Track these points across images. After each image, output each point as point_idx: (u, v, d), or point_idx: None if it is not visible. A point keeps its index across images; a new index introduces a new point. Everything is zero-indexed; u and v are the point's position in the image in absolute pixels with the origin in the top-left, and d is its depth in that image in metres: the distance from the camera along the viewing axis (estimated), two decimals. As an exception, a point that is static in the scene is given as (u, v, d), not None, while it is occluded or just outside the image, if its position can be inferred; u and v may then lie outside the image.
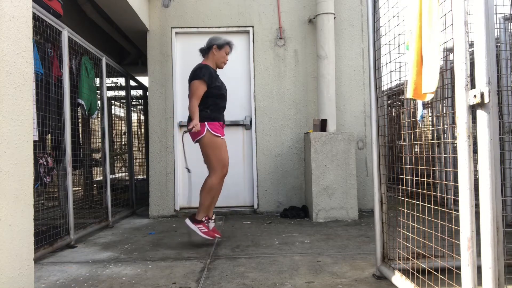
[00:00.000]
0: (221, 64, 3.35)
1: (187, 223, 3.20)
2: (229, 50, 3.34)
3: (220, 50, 3.29)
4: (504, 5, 3.14)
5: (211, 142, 3.16)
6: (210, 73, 3.20)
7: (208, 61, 3.33)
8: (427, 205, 1.97)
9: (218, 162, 3.19)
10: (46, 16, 3.08)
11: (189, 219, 3.21)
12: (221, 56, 3.31)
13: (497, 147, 1.37)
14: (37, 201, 4.00)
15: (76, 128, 3.78)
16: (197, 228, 3.16)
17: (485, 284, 1.35)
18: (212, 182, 3.18)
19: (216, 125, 3.20)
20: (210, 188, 3.18)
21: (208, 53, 3.32)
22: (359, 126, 4.90)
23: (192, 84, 3.16)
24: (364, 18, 4.92)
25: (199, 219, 3.19)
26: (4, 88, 1.85)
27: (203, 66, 3.22)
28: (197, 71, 3.19)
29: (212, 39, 3.32)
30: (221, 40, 3.29)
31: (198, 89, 3.14)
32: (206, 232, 3.16)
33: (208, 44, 3.32)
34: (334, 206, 4.29)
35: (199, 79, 3.14)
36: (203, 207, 3.19)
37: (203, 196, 3.18)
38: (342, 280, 2.31)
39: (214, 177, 3.19)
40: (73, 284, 2.36)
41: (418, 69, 1.75)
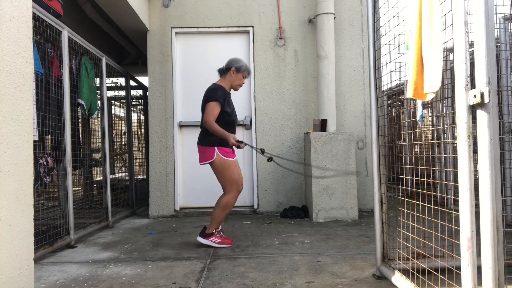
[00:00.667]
0: (236, 87, 3.32)
1: (199, 241, 3.19)
2: (246, 75, 3.31)
3: (238, 73, 3.25)
4: (504, 5, 3.14)
5: (222, 164, 3.14)
6: (225, 96, 3.18)
7: (223, 81, 3.29)
8: (427, 205, 1.97)
9: (232, 183, 3.16)
10: (46, 16, 3.08)
11: (200, 236, 3.21)
12: (238, 79, 3.28)
13: (497, 147, 1.37)
14: (37, 201, 4.00)
15: (76, 128, 3.78)
16: (210, 241, 3.16)
17: (485, 284, 1.35)
18: (227, 201, 3.17)
19: (225, 150, 3.16)
20: (225, 206, 3.16)
21: (226, 73, 3.29)
22: (359, 126, 4.90)
23: (208, 106, 3.13)
24: (364, 18, 4.92)
25: (210, 232, 3.18)
26: (4, 88, 1.85)
27: (218, 88, 3.20)
28: (212, 92, 3.16)
29: (233, 60, 3.29)
30: (241, 64, 3.26)
31: (214, 109, 3.12)
32: (220, 242, 3.17)
33: (227, 65, 3.29)
34: (334, 206, 4.29)
35: (215, 101, 3.12)
36: (215, 222, 3.18)
37: (217, 212, 3.16)
38: (342, 280, 2.31)
39: (229, 196, 3.17)
40: (73, 284, 2.36)
41: (418, 69, 1.74)
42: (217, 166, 3.15)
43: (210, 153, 3.14)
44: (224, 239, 3.20)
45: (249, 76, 3.38)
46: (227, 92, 3.25)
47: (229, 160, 3.16)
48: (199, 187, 4.89)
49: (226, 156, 3.15)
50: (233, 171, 3.16)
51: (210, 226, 3.19)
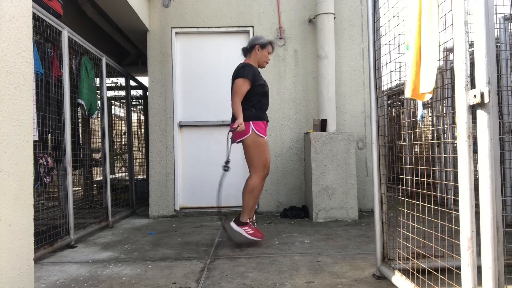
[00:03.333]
0: (263, 63, 3.32)
1: (232, 226, 3.16)
2: (271, 49, 3.30)
3: (262, 49, 3.25)
4: (504, 5, 3.14)
5: (255, 142, 3.13)
6: (254, 72, 3.17)
7: (250, 60, 3.29)
8: (427, 205, 1.97)
9: (260, 163, 3.15)
10: (46, 16, 3.08)
11: (234, 222, 3.18)
12: (263, 55, 3.27)
13: (497, 147, 1.37)
14: (37, 201, 4.00)
15: (76, 128, 3.78)
16: (243, 230, 3.13)
17: (485, 284, 1.35)
18: (254, 183, 3.14)
19: (260, 125, 3.16)
20: (252, 189, 3.14)
21: (251, 52, 3.29)
22: (359, 126, 4.90)
23: (236, 82, 3.14)
24: (364, 18, 4.92)
25: (244, 221, 3.15)
26: (4, 88, 1.85)
27: (246, 65, 3.20)
28: (240, 70, 3.17)
29: (255, 38, 3.30)
30: (264, 40, 3.26)
31: (242, 87, 3.11)
32: (252, 234, 3.14)
33: (251, 44, 3.29)
34: (334, 206, 4.29)
35: (243, 77, 3.11)
36: (247, 209, 3.15)
37: (246, 197, 3.14)
38: (342, 280, 2.31)
39: (256, 177, 3.15)
40: (73, 284, 2.36)
41: (417, 69, 1.75)
42: (250, 143, 3.13)
43: (246, 128, 3.11)
44: (257, 232, 3.17)
45: (273, 51, 3.38)
46: (256, 68, 3.24)
47: (262, 139, 3.15)
48: (199, 187, 4.89)
49: (260, 131, 3.14)
50: (263, 151, 3.16)
51: (243, 214, 3.15)
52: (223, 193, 4.88)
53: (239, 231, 3.14)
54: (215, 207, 4.86)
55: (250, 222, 3.17)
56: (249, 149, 3.14)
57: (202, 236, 3.63)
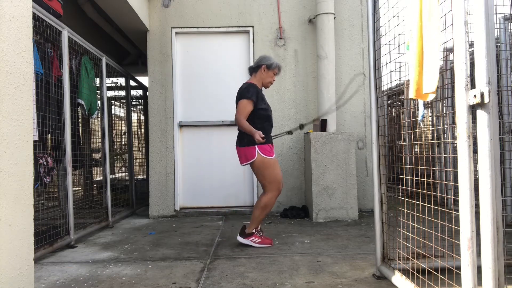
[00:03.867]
0: (267, 84, 3.32)
1: (239, 240, 3.19)
2: (277, 71, 3.32)
3: (268, 70, 3.26)
4: (504, 5, 3.14)
5: (263, 163, 3.12)
6: (258, 93, 3.18)
7: (254, 79, 3.29)
8: (427, 205, 1.97)
9: (272, 182, 3.15)
10: (46, 16, 3.08)
11: (240, 236, 3.20)
12: (269, 76, 3.28)
13: (497, 147, 1.37)
14: (37, 201, 4.00)
15: (76, 128, 3.78)
16: (250, 241, 3.16)
17: (485, 284, 1.35)
18: (268, 200, 3.16)
19: (266, 148, 3.15)
20: (265, 206, 3.16)
21: (257, 71, 3.29)
22: (359, 126, 4.90)
23: (240, 103, 3.15)
24: (364, 18, 4.92)
25: (250, 232, 3.18)
26: (4, 88, 1.85)
27: (250, 86, 3.20)
28: (244, 91, 3.17)
29: (262, 58, 3.30)
30: (271, 61, 3.27)
31: (246, 107, 3.13)
32: (260, 242, 3.16)
33: (258, 63, 3.29)
34: (334, 206, 4.29)
35: (247, 99, 3.13)
36: (256, 221, 3.18)
37: (258, 212, 3.16)
38: (342, 280, 2.31)
39: (270, 195, 3.16)
40: (73, 284, 2.36)
41: (420, 69, 1.75)
42: (258, 166, 3.13)
43: (251, 153, 3.12)
44: (264, 239, 3.19)
45: (279, 73, 3.38)
46: (259, 89, 3.25)
47: (270, 159, 3.15)
48: (199, 187, 4.89)
49: (267, 154, 3.14)
50: (273, 170, 3.16)
51: (250, 225, 3.18)
52: (223, 193, 4.88)
53: (247, 243, 3.17)
54: (215, 207, 4.87)
55: (255, 232, 3.19)
56: (259, 171, 3.15)
57: (202, 236, 3.63)
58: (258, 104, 3.16)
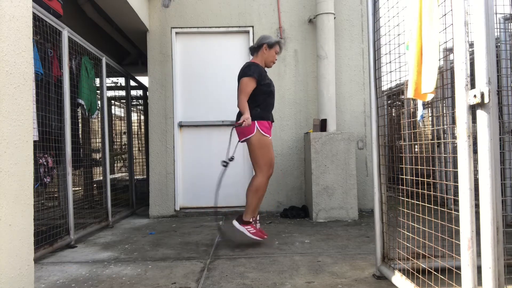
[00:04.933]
0: (270, 63, 3.32)
1: (235, 225, 3.16)
2: (278, 49, 3.30)
3: (270, 49, 3.25)
4: (504, 5, 3.14)
5: (260, 141, 3.12)
6: (260, 71, 3.17)
7: (257, 59, 3.29)
8: (427, 205, 1.97)
9: (265, 162, 3.14)
10: (46, 16, 3.08)
11: (236, 220, 3.17)
12: (271, 55, 3.27)
13: (497, 147, 1.37)
14: (37, 201, 4.00)
15: (76, 128, 3.78)
16: (245, 229, 3.13)
17: (485, 284, 1.35)
18: (259, 182, 3.14)
19: (265, 124, 3.16)
20: (257, 189, 3.14)
21: (258, 51, 3.29)
22: (359, 126, 4.90)
23: (242, 81, 3.14)
24: (364, 18, 4.92)
25: (247, 220, 3.14)
26: (4, 88, 1.85)
27: (252, 64, 3.20)
28: (246, 69, 3.17)
29: (263, 37, 3.30)
30: (272, 39, 3.26)
31: (248, 85, 3.11)
32: (254, 233, 3.14)
33: (258, 43, 3.29)
34: (334, 206, 4.29)
35: (249, 77, 3.11)
36: (250, 208, 3.15)
37: (251, 196, 3.14)
38: (342, 280, 2.31)
39: (261, 177, 3.15)
40: (73, 284, 2.36)
41: (419, 69, 1.75)
42: (255, 143, 3.12)
43: (250, 127, 3.11)
44: (259, 231, 3.16)
45: (281, 52, 3.38)
46: (262, 68, 3.24)
47: (267, 139, 3.15)
48: (199, 187, 4.89)
49: (265, 131, 3.14)
50: (268, 151, 3.15)
51: (246, 213, 3.15)
52: (223, 193, 4.88)
53: (241, 229, 3.14)
54: (215, 207, 4.87)
55: (252, 221, 3.17)
56: (254, 149, 3.14)
57: (202, 236, 3.63)
58: (262, 80, 3.16)
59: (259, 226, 3.24)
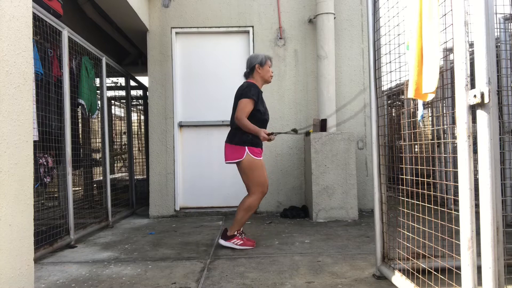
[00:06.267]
0: (269, 78, 3.31)
1: (221, 243, 3.16)
2: (270, 63, 3.30)
3: (263, 67, 3.25)
4: (504, 5, 3.14)
5: (250, 163, 3.10)
6: (258, 94, 3.17)
7: (254, 80, 3.27)
8: (427, 205, 1.97)
9: (258, 183, 3.12)
10: (46, 16, 3.08)
11: (221, 238, 3.17)
12: (266, 72, 3.27)
13: (497, 147, 1.37)
14: (37, 201, 4.00)
15: (76, 128, 3.78)
16: (232, 243, 3.13)
17: (485, 284, 1.35)
18: (251, 201, 3.13)
19: (255, 150, 3.13)
20: (249, 208, 3.13)
21: (253, 73, 3.27)
22: (359, 126, 4.90)
23: (241, 102, 3.12)
24: (364, 18, 4.92)
25: (231, 234, 3.15)
26: (4, 88, 1.85)
27: (252, 86, 3.17)
28: (245, 90, 3.15)
29: (252, 59, 3.28)
30: (260, 57, 3.26)
31: (246, 106, 3.11)
32: (242, 244, 3.14)
33: (250, 66, 3.28)
34: (334, 206, 4.29)
35: (248, 98, 3.11)
36: (238, 224, 3.15)
37: (241, 214, 3.13)
38: (342, 280, 2.31)
39: (254, 198, 3.14)
40: (73, 284, 2.36)
41: (419, 69, 1.75)
42: (245, 166, 3.11)
43: (239, 152, 3.10)
44: (246, 241, 3.17)
45: (272, 64, 3.36)
46: (260, 90, 3.24)
47: (258, 161, 3.13)
48: (199, 187, 4.89)
49: (256, 156, 3.12)
50: (260, 172, 3.13)
51: (232, 227, 3.16)
52: (223, 193, 4.88)
53: (228, 245, 3.14)
54: (215, 207, 4.87)
55: (237, 234, 3.16)
56: (245, 171, 3.12)
57: (202, 236, 3.63)
58: (258, 106, 3.15)
59: (244, 236, 3.22)
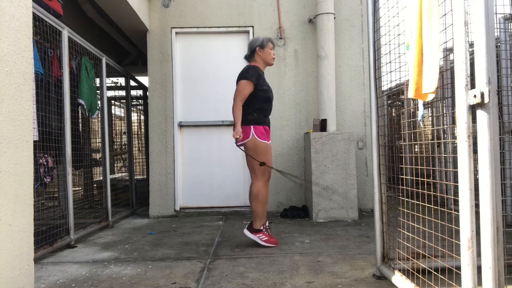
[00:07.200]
0: (270, 61, 3.29)
1: (246, 234, 3.15)
2: (271, 45, 3.28)
3: (264, 49, 3.23)
4: (504, 5, 3.14)
5: (255, 146, 3.09)
6: (259, 75, 3.15)
7: (255, 63, 3.26)
8: (427, 205, 1.97)
9: (259, 167, 3.11)
10: (46, 16, 3.08)
11: (247, 229, 3.16)
12: (267, 54, 3.25)
13: (497, 147, 1.37)
14: (37, 201, 4.00)
15: (76, 128, 3.78)
16: (257, 237, 3.12)
17: (485, 284, 1.35)
18: (257, 188, 3.12)
19: (261, 129, 3.12)
20: (257, 195, 3.12)
21: (254, 56, 3.26)
22: (359, 126, 4.90)
23: (239, 84, 3.12)
24: (364, 18, 4.92)
25: (258, 228, 3.13)
26: (4, 88, 1.85)
27: (251, 67, 3.18)
28: (245, 72, 3.16)
29: (252, 42, 3.27)
30: (261, 39, 3.24)
31: (245, 88, 3.09)
32: (267, 240, 3.12)
33: (251, 48, 3.27)
34: (334, 206, 4.29)
35: (247, 79, 3.10)
36: (257, 215, 3.12)
37: (254, 204, 3.12)
38: (342, 280, 2.31)
39: (258, 183, 3.13)
40: (73, 284, 2.36)
41: (419, 69, 1.75)
42: (251, 147, 3.10)
43: (246, 132, 3.09)
44: (271, 238, 3.15)
45: (274, 46, 3.34)
46: (261, 71, 3.22)
47: (263, 144, 3.11)
48: (199, 187, 4.89)
49: (261, 137, 3.11)
50: (265, 155, 3.11)
51: (255, 221, 3.14)
52: (223, 193, 4.88)
53: (253, 238, 3.13)
54: (215, 207, 4.87)
55: (263, 229, 3.15)
56: (249, 152, 3.11)
57: (202, 236, 3.63)
58: (259, 85, 3.13)
59: (269, 232, 3.22)
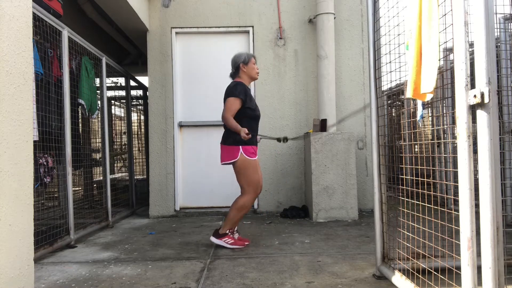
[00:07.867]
0: (255, 75, 3.31)
1: (212, 240, 3.17)
2: (254, 60, 3.31)
3: (247, 65, 3.25)
4: (504, 5, 3.14)
5: (245, 164, 3.10)
6: (246, 92, 3.16)
7: (240, 79, 3.27)
8: (427, 205, 1.97)
9: (252, 183, 3.13)
10: (46, 16, 3.08)
11: (213, 236, 3.18)
12: (252, 69, 3.27)
13: (497, 147, 1.37)
14: (37, 201, 4.00)
15: (76, 128, 3.78)
16: (223, 241, 3.14)
17: (485, 284, 1.35)
18: (244, 201, 3.13)
19: (249, 149, 3.13)
20: (242, 207, 3.13)
21: (239, 72, 3.28)
22: (359, 126, 4.90)
23: (227, 101, 3.13)
24: (364, 18, 4.92)
25: (223, 233, 3.15)
26: (4, 88, 1.85)
27: (238, 83, 3.18)
28: (232, 89, 3.15)
29: (235, 58, 3.29)
30: (243, 56, 3.27)
31: (233, 105, 3.10)
32: (233, 243, 3.14)
33: (234, 65, 3.29)
34: (334, 206, 4.29)
35: (235, 97, 3.11)
36: (230, 222, 3.14)
37: (234, 213, 3.13)
38: (342, 280, 2.31)
39: (247, 198, 3.14)
40: (73, 284, 2.36)
41: (418, 69, 1.75)
42: (239, 166, 3.12)
43: (234, 152, 3.10)
44: (237, 240, 3.17)
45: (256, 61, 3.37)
46: (247, 88, 3.24)
47: (252, 161, 3.13)
48: (199, 187, 4.89)
49: (250, 156, 3.12)
50: (254, 172, 3.13)
51: (224, 226, 3.16)
52: (222, 193, 4.88)
53: (219, 243, 3.15)
54: (215, 207, 4.87)
55: (229, 233, 3.17)
56: (239, 171, 3.13)
57: (202, 236, 3.63)
58: (246, 103, 3.15)
59: (237, 235, 3.22)
